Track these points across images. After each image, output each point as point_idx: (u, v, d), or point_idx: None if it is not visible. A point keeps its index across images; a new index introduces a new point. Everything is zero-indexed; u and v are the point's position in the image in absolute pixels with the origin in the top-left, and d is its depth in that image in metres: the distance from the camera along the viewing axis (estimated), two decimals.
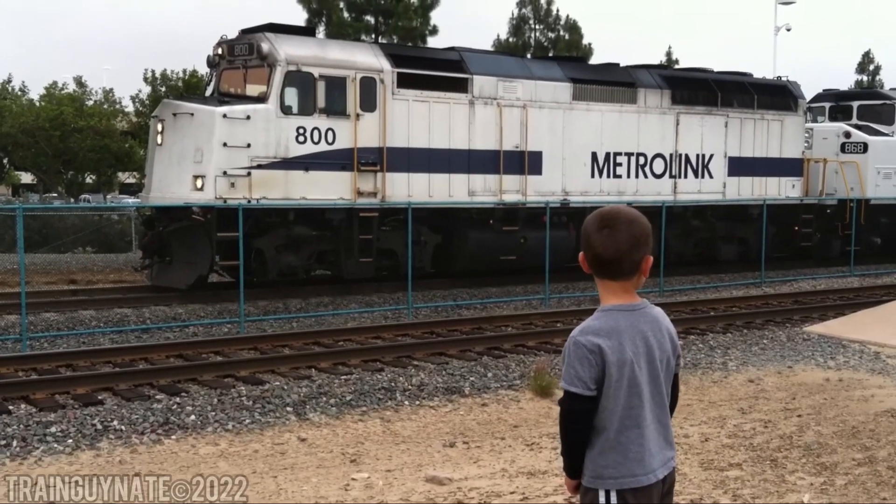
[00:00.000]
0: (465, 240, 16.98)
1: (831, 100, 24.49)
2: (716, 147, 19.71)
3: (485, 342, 11.89)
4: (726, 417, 8.07)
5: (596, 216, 2.88)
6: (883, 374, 9.95)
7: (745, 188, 20.22)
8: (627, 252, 2.82)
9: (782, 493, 6.06)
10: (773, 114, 20.47)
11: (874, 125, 22.75)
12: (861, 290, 18.08)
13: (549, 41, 38.05)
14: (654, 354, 2.86)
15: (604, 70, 19.19)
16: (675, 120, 19.08)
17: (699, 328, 13.32)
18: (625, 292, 2.89)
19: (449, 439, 7.41)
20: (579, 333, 2.83)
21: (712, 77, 20.26)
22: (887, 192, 22.38)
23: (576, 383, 2.79)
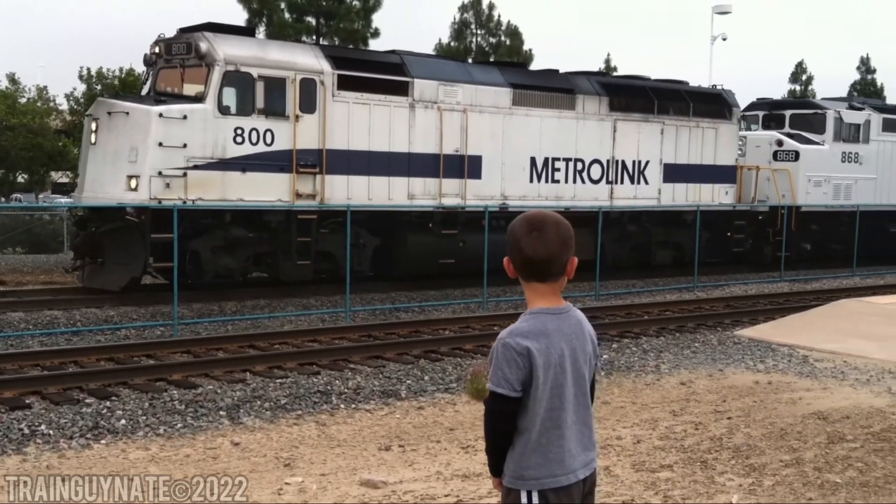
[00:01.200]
0: (404, 243, 16.97)
1: (765, 108, 25.01)
2: (652, 154, 19.99)
3: (422, 345, 11.90)
4: (658, 419, 8.19)
5: (523, 220, 2.91)
6: (811, 378, 10.19)
7: (680, 194, 20.54)
8: (557, 254, 2.88)
9: (712, 494, 6.17)
10: (707, 121, 20.85)
11: (806, 134, 23.29)
12: (791, 294, 18.50)
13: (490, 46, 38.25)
14: (577, 357, 2.92)
15: (543, 76, 19.36)
16: (612, 126, 19.32)
17: (633, 332, 13.50)
18: (552, 294, 2.94)
19: (384, 443, 7.39)
20: (508, 336, 2.86)
21: (649, 85, 20.56)
22: (817, 199, 22.93)
23: (502, 384, 2.82)
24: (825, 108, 23.82)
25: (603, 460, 6.81)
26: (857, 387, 9.69)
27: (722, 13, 32.28)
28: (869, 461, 6.95)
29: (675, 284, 19.55)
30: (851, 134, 23.55)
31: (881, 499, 6.14)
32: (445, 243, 17.15)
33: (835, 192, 23.27)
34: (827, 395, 9.26)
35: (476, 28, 38.56)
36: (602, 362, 11.12)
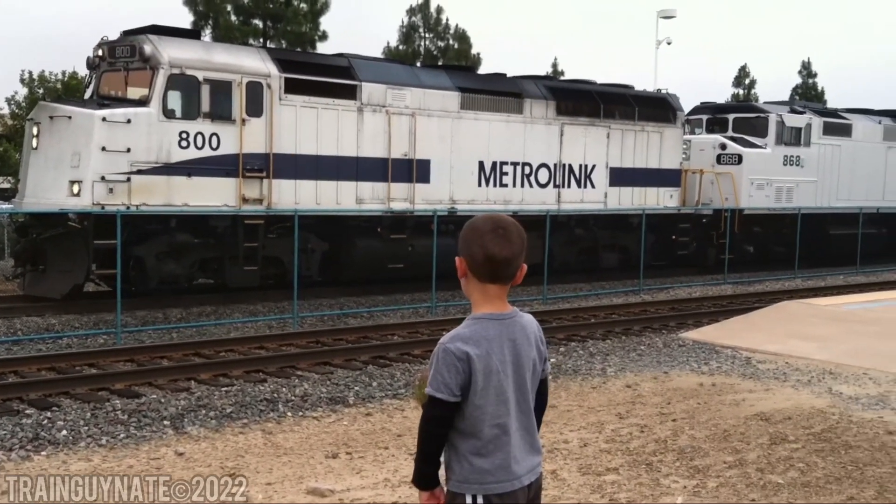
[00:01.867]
0: (352, 248, 16.91)
1: (708, 112, 25.38)
2: (598, 157, 20.18)
3: (370, 351, 11.87)
4: (605, 423, 8.25)
5: (486, 221, 2.94)
6: (753, 379, 10.35)
7: (626, 198, 20.76)
8: (517, 255, 2.93)
9: (657, 496, 6.23)
10: (653, 125, 21.10)
11: (749, 137, 23.68)
12: (734, 297, 18.80)
13: (438, 50, 38.29)
14: (521, 362, 2.94)
15: (491, 80, 19.44)
16: (559, 130, 19.46)
17: (580, 335, 13.61)
18: (499, 299, 2.96)
19: (332, 450, 7.35)
20: (449, 340, 2.88)
21: (595, 89, 20.75)
22: (760, 202, 23.33)
23: (441, 389, 2.83)
24: (767, 112, 24.24)
25: (550, 464, 6.84)
26: (798, 388, 9.86)
27: (667, 17, 32.69)
28: (810, 461, 7.08)
29: (621, 287, 19.74)
30: (793, 137, 24.00)
31: (822, 499, 6.26)
32: (394, 248, 17.13)
33: (777, 194, 23.68)
34: (769, 397, 9.41)
35: (424, 32, 38.59)
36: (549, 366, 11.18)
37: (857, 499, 6.26)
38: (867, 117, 26.74)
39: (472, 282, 2.96)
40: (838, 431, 7.99)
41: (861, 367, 10.87)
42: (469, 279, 2.97)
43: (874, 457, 7.23)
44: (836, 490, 6.42)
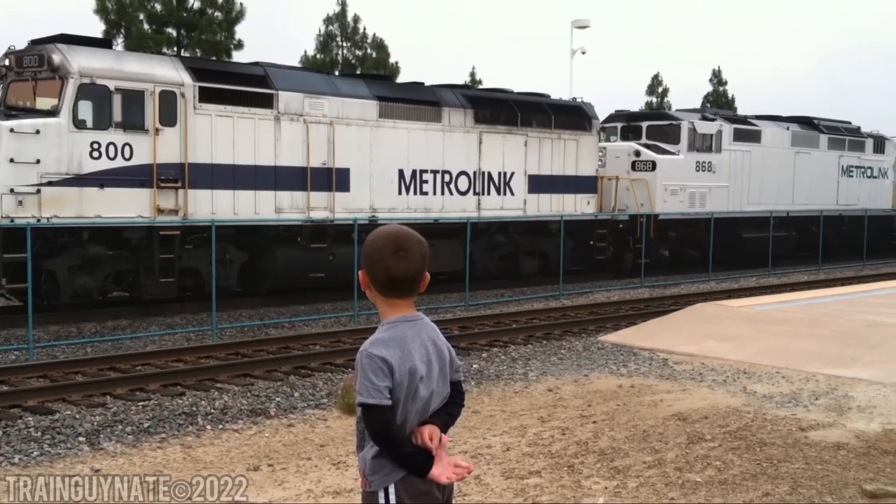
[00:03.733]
0: (272, 258, 16.72)
1: (623, 120, 25.85)
2: (517, 165, 20.37)
3: (292, 361, 11.75)
4: (527, 426, 8.32)
5: (387, 238, 2.94)
6: (671, 380, 10.56)
7: (545, 204, 21.00)
8: (421, 271, 2.96)
9: (579, 498, 6.31)
10: (569, 133, 21.39)
11: (662, 145, 24.17)
12: (651, 300, 19.16)
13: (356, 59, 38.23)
14: (434, 363, 2.96)
15: (410, 89, 19.47)
16: (478, 139, 19.59)
17: (502, 340, 13.70)
18: (406, 307, 3.00)
19: (253, 463, 7.25)
20: (370, 346, 2.89)
21: (513, 98, 20.95)
22: (674, 207, 23.84)
23: (374, 394, 2.83)
24: (680, 119, 24.79)
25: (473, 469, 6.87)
26: (714, 387, 10.10)
27: (581, 27, 33.20)
28: (727, 459, 7.25)
29: (542, 293, 19.95)
30: (705, 144, 24.59)
31: (738, 496, 6.41)
32: (315, 257, 17.00)
33: (690, 200, 24.23)
34: (686, 397, 9.61)
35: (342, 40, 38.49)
36: (472, 371, 11.24)
37: (771, 495, 6.43)
38: (776, 124, 27.58)
39: (377, 295, 3.00)
40: (753, 429, 8.20)
41: (774, 367, 11.18)
42: (373, 292, 3.00)
43: (788, 453, 7.44)
44: (751, 487, 6.58)
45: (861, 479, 6.76)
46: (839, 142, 29.08)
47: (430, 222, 18.50)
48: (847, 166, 29.17)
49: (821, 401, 9.38)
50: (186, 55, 26.30)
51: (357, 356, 2.93)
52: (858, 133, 30.27)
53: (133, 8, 29.02)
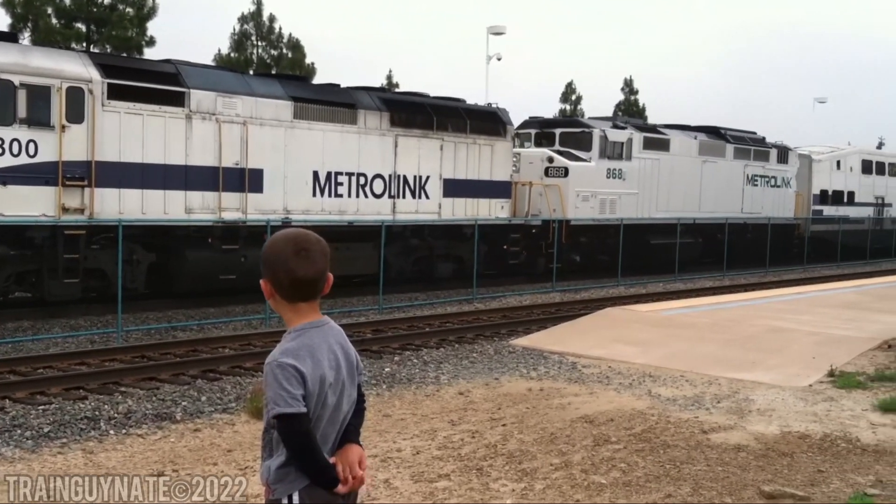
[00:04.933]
0: (182, 259, 16.41)
1: (537, 126, 26.17)
2: (432, 169, 20.43)
3: (200, 365, 11.56)
4: (437, 430, 8.35)
5: (286, 241, 2.90)
6: (579, 383, 10.73)
7: (460, 209, 21.11)
8: (323, 272, 2.92)
9: (487, 500, 6.36)
10: (484, 139, 21.55)
11: (575, 151, 24.54)
12: (562, 304, 19.43)
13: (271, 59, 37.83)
14: (343, 367, 2.96)
15: (325, 90, 19.35)
16: (393, 142, 19.58)
17: (415, 344, 13.73)
18: (312, 311, 2.97)
19: (157, 468, 7.11)
20: (280, 356, 2.85)
21: (428, 102, 21.01)
22: (586, 213, 24.22)
23: (291, 403, 2.79)
24: (591, 126, 25.22)
25: (383, 473, 6.87)
26: (620, 390, 10.29)
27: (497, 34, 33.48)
28: (631, 461, 7.39)
29: (455, 296, 20.04)
30: (615, 151, 25.06)
31: (642, 497, 6.55)
32: (226, 259, 16.75)
33: (601, 206, 24.66)
34: (594, 400, 9.78)
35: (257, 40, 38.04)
36: (384, 375, 11.24)
37: (674, 496, 6.59)
38: (684, 133, 28.26)
39: (281, 302, 2.94)
40: (657, 432, 8.39)
41: (678, 370, 11.45)
42: (277, 300, 2.94)
43: (690, 455, 7.63)
44: (654, 489, 6.73)
45: (759, 480, 6.97)
46: (745, 151, 29.96)
47: (344, 225, 18.43)
48: (752, 175, 30.08)
49: (722, 404, 9.65)
50: (96, 51, 25.64)
51: (265, 367, 2.88)
52: (763, 143, 31.23)
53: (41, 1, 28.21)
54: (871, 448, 8.03)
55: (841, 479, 7.10)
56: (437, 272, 21.17)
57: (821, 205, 33.90)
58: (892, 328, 14.34)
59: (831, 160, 34.78)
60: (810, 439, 8.23)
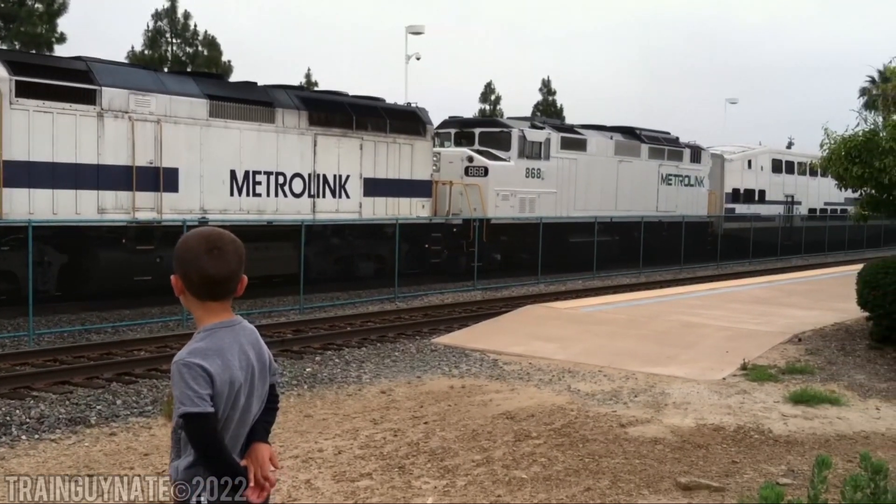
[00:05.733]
0: (95, 260, 16.01)
1: (456, 126, 26.28)
2: (352, 168, 20.35)
3: (115, 368, 11.30)
4: (359, 429, 8.33)
5: (199, 238, 2.86)
6: (500, 380, 10.81)
7: (380, 208, 21.08)
8: (236, 272, 2.88)
9: (409, 499, 6.37)
10: (404, 138, 21.55)
11: (494, 151, 24.72)
12: (483, 302, 19.55)
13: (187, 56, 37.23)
14: (255, 368, 2.93)
15: (242, 88, 19.10)
16: (312, 141, 19.44)
17: (336, 343, 13.66)
18: (224, 311, 2.93)
19: (72, 473, 6.93)
20: (188, 356, 2.81)
21: (348, 101, 20.92)
22: (506, 212, 24.42)
23: (197, 402, 2.76)
24: (510, 126, 25.44)
25: (304, 473, 6.82)
26: (540, 386, 10.41)
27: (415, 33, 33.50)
28: (551, 456, 7.49)
29: (377, 296, 20.00)
30: (534, 151, 25.33)
31: (562, 491, 6.64)
32: (141, 260, 16.39)
33: (521, 205, 24.90)
34: (514, 396, 9.87)
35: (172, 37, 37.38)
36: (305, 375, 11.15)
37: (593, 489, 6.69)
38: (600, 133, 28.72)
39: (191, 299, 2.90)
40: (577, 426, 8.52)
41: (597, 366, 11.64)
42: (187, 297, 2.90)
43: (608, 448, 7.76)
44: (574, 482, 6.83)
45: (676, 472, 7.13)
46: (659, 151, 30.59)
47: (263, 224, 18.22)
48: (666, 175, 30.73)
49: (640, 398, 9.84)
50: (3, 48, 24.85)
51: (172, 366, 2.83)
52: (677, 143, 31.93)
53: None
54: (782, 439, 8.29)
55: (754, 469, 7.31)
56: (358, 272, 21.09)
57: (733, 203, 34.82)
58: (801, 322, 14.82)
59: (743, 159, 35.75)
60: (724, 431, 8.45)
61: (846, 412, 9.36)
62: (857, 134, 12.59)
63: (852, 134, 12.66)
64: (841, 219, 39.18)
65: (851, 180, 12.67)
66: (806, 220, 38.69)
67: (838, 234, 39.59)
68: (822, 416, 9.16)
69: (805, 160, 36.72)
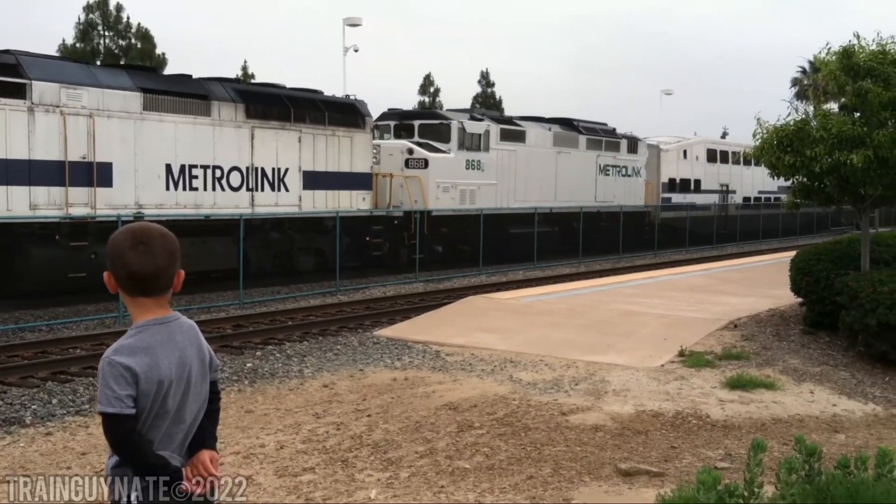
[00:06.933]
0: (27, 257, 15.64)
1: (396, 118, 26.22)
2: (291, 161, 20.18)
3: (50, 367, 11.07)
4: (302, 423, 8.28)
5: (126, 234, 2.82)
6: (442, 371, 10.84)
7: (320, 201, 20.94)
8: (165, 268, 2.83)
9: (352, 492, 6.36)
10: (343, 130, 21.43)
11: (434, 143, 24.72)
12: (425, 294, 19.57)
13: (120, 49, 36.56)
14: (191, 366, 2.89)
15: (176, 81, 18.79)
16: (250, 134, 19.22)
17: (277, 338, 13.55)
18: (159, 307, 2.88)
19: (5, 475, 6.78)
20: (114, 353, 2.76)
21: (285, 93, 20.72)
22: (446, 204, 24.46)
23: (114, 403, 2.71)
24: (450, 119, 25.45)
25: (245, 469, 6.77)
26: (483, 377, 10.46)
27: (353, 25, 33.31)
28: (494, 445, 7.54)
29: (318, 289, 19.88)
30: (474, 143, 25.39)
31: (504, 479, 6.69)
32: (75, 256, 16.06)
33: (461, 197, 24.95)
34: (457, 387, 9.90)
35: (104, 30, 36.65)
36: (246, 370, 11.05)
37: (535, 477, 6.75)
38: (539, 125, 28.89)
39: (124, 296, 2.87)
40: (519, 415, 8.58)
41: (538, 355, 11.73)
42: (121, 293, 2.87)
43: (550, 437, 7.84)
44: (516, 471, 6.88)
45: (616, 458, 7.23)
46: (597, 142, 30.89)
47: (201, 219, 17.97)
48: (604, 165, 31.05)
49: (580, 386, 9.94)
50: None
51: (100, 362, 2.79)
52: (614, 134, 32.27)
53: None
54: (720, 424, 8.46)
55: (693, 454, 7.45)
56: (298, 265, 20.94)
57: (669, 193, 35.34)
58: (736, 309, 15.11)
59: (678, 150, 36.29)
60: (663, 417, 8.59)
61: (781, 396, 9.59)
62: (789, 123, 12.84)
63: (784, 123, 12.91)
64: (774, 207, 40.00)
65: (783, 169, 12.93)
66: (740, 209, 39.44)
67: (772, 223, 40.43)
68: (758, 400, 9.37)
69: (739, 150, 37.41)
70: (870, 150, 11.68)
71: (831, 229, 41.28)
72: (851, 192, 12.89)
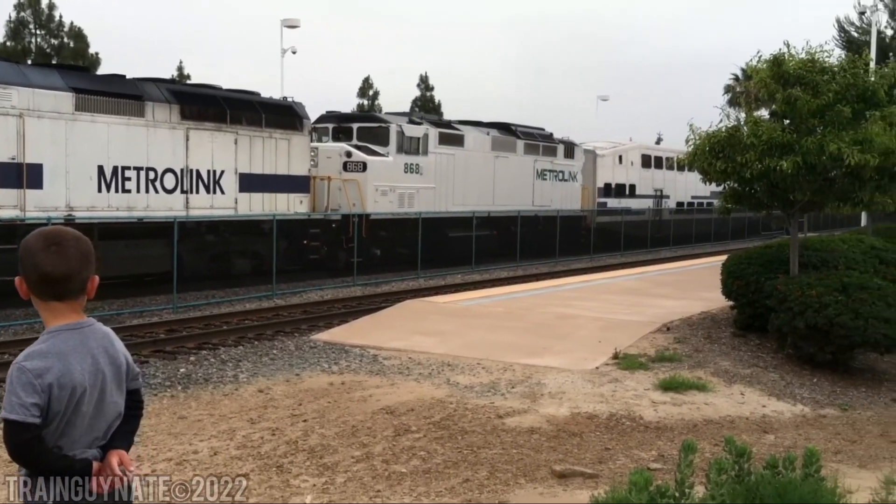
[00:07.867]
0: None
1: (334, 121, 26.10)
2: (227, 163, 19.93)
3: None
4: (236, 429, 8.19)
5: (38, 236, 2.78)
6: (380, 375, 10.82)
7: (257, 204, 20.73)
8: (77, 270, 2.77)
9: (287, 498, 6.31)
10: (280, 132, 21.26)
11: (372, 146, 24.65)
12: (363, 298, 19.50)
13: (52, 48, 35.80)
14: (105, 372, 2.84)
15: (110, 81, 18.45)
16: (185, 135, 18.95)
17: (212, 342, 13.39)
18: (73, 312, 2.83)
19: None
20: (24, 359, 2.71)
21: (221, 94, 20.47)
22: (385, 207, 24.40)
23: (18, 410, 2.65)
24: (388, 122, 25.42)
25: (179, 475, 6.66)
26: (420, 380, 10.46)
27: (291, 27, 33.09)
28: (431, 449, 7.54)
29: (255, 293, 19.68)
30: (412, 147, 25.39)
31: (441, 483, 6.70)
32: (3, 260, 15.61)
33: (400, 200, 24.92)
34: (394, 391, 9.89)
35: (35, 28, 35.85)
36: (179, 376, 10.89)
37: (471, 480, 6.78)
38: (477, 129, 29.02)
39: (36, 300, 2.81)
40: (455, 419, 8.60)
41: (475, 358, 11.77)
42: (33, 298, 2.81)
43: (487, 440, 7.87)
44: (453, 474, 6.90)
45: (552, 460, 7.30)
46: (534, 147, 31.13)
47: (134, 221, 17.66)
48: (541, 170, 31.30)
49: (517, 389, 10.01)
50: None
51: (11, 366, 2.73)
52: (551, 139, 32.56)
53: None
54: (653, 425, 8.58)
55: (626, 455, 7.55)
56: (234, 269, 20.69)
57: (605, 197, 35.78)
58: (670, 312, 15.35)
59: (614, 155, 36.78)
60: (598, 419, 8.69)
61: (712, 398, 9.77)
62: (721, 130, 13.09)
63: (716, 130, 13.16)
64: (707, 212, 40.76)
65: (715, 174, 13.16)
66: (674, 214, 40.11)
67: (705, 227, 41.18)
68: (690, 402, 9.53)
69: (673, 155, 38.05)
70: (799, 157, 11.96)
71: (762, 234, 42.18)
72: (781, 198, 13.18)
